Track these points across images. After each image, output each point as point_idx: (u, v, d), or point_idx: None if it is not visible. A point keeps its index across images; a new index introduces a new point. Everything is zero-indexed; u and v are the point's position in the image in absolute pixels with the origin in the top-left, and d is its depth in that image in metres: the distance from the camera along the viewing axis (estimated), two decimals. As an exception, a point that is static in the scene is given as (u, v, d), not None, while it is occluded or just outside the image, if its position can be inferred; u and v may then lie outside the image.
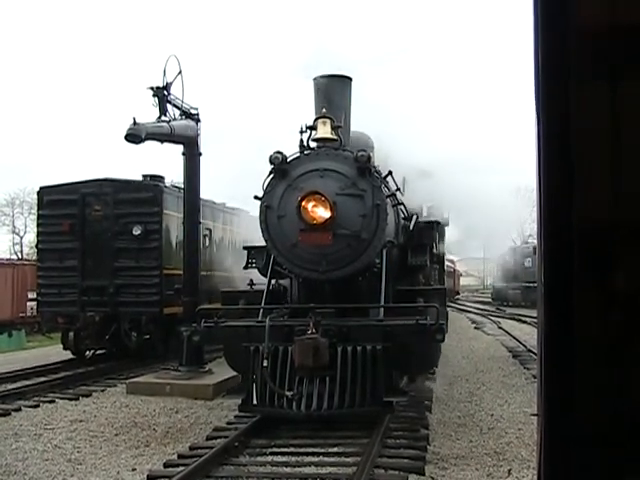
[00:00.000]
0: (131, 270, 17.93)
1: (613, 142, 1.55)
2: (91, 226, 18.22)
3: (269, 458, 8.87)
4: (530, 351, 18.70)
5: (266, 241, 10.74)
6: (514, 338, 23.66)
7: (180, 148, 15.83)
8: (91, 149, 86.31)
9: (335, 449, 9.14)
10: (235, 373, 11.64)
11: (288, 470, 8.36)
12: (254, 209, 12.06)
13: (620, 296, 1.53)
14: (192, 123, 15.76)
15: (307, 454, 8.92)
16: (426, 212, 16.26)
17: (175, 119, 14.98)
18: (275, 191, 10.49)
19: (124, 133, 13.12)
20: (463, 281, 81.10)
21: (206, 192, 18.89)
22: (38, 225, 19.82)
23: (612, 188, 1.54)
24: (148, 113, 14.38)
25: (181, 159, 16.00)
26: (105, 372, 16.98)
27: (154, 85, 14.52)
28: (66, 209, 18.31)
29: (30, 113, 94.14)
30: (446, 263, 23.25)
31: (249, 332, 9.96)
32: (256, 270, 11.93)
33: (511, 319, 34.35)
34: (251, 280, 12.34)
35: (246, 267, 12.25)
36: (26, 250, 56.60)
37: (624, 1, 1.55)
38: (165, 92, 14.63)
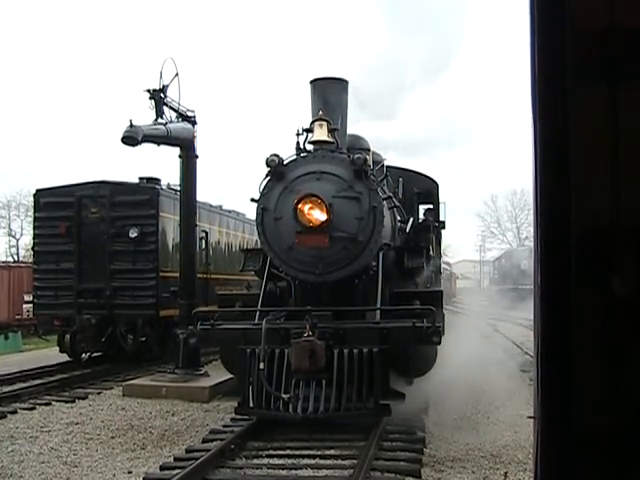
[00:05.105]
0: (127, 272, 17.91)
1: (612, 145, 1.55)
2: (87, 228, 18.19)
3: (265, 461, 8.85)
4: (527, 354, 18.70)
5: (262, 243, 10.74)
6: (511, 341, 23.67)
7: (176, 150, 15.83)
8: (88, 151, 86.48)
9: (331, 452, 9.13)
10: (231, 376, 11.62)
11: (284, 473, 8.35)
12: (250, 211, 12.06)
13: (617, 300, 1.53)
14: (188, 125, 15.76)
15: (303, 457, 8.91)
16: (422, 214, 16.27)
17: (172, 121, 14.98)
18: (271, 193, 10.49)
19: (121, 135, 13.12)
20: (459, 284, 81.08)
21: (202, 194, 18.93)
22: (34, 227, 19.83)
23: (610, 191, 1.54)
24: (145, 115, 14.40)
25: (177, 161, 16.01)
26: (101, 374, 16.96)
27: (151, 88, 14.53)
28: (62, 211, 18.29)
29: (27, 116, 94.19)
30: (442, 266, 23.25)
31: (245, 335, 9.94)
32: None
33: (507, 321, 34.36)
34: (248, 282, 12.33)
35: (243, 269, 12.25)
36: (22, 252, 56.59)
37: (622, 3, 1.55)
38: (162, 94, 14.64)
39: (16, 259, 52.00)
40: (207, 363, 16.83)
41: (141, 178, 19.61)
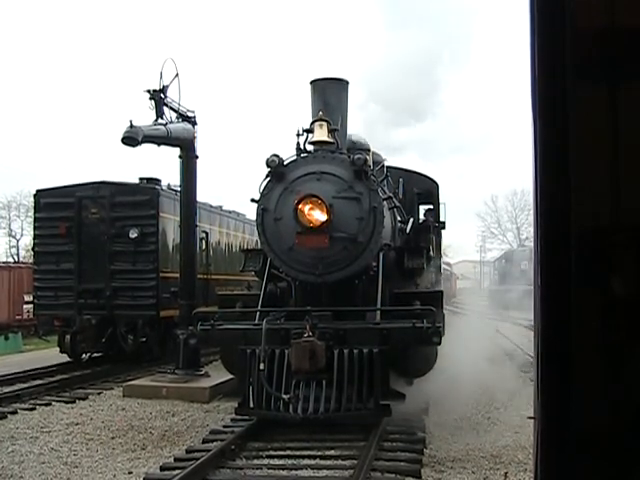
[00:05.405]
0: (127, 273, 17.92)
1: (612, 145, 1.55)
2: (87, 229, 18.20)
3: (266, 461, 8.85)
4: (527, 354, 18.69)
5: (262, 244, 10.75)
6: (511, 341, 23.65)
7: (177, 151, 15.83)
8: (88, 152, 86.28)
9: (332, 452, 9.14)
10: (232, 376, 11.63)
11: (284, 473, 8.36)
12: (251, 212, 12.06)
13: (617, 300, 1.53)
14: (189, 126, 15.76)
15: (304, 457, 8.92)
16: (422, 215, 16.27)
17: (172, 122, 14.97)
18: (272, 194, 10.49)
19: (121, 136, 13.11)
20: (459, 284, 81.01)
21: (203, 195, 18.90)
22: (35, 228, 19.86)
23: (610, 191, 1.54)
24: (145, 116, 14.39)
25: (178, 162, 16.01)
26: (101, 375, 16.97)
27: (151, 88, 14.52)
28: (63, 212, 18.29)
29: (27, 116, 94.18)
30: (443, 266, 23.24)
31: (246, 335, 9.94)
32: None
33: (507, 322, 34.33)
34: (248, 283, 12.32)
35: (243, 270, 12.25)
36: (22, 253, 56.56)
37: (622, 3, 1.55)
38: (162, 95, 14.63)
39: (16, 259, 51.95)
40: (207, 363, 16.82)
41: (141, 179, 19.59)
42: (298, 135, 10.86)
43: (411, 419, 10.59)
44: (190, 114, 15.94)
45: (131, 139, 13.15)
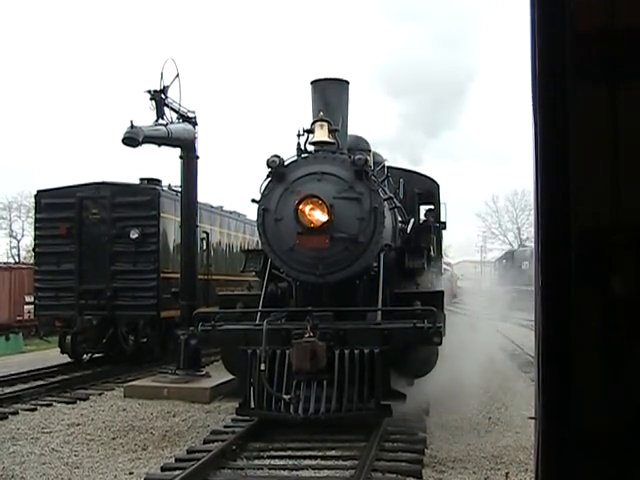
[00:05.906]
0: (128, 273, 17.91)
1: (612, 145, 1.55)
2: (88, 229, 18.19)
3: (266, 461, 8.86)
4: (527, 354, 18.69)
5: (263, 244, 10.75)
6: (511, 341, 23.65)
7: (177, 151, 15.83)
8: (88, 153, 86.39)
9: (332, 452, 9.14)
10: (232, 376, 11.63)
11: (285, 473, 8.37)
12: (251, 212, 12.05)
13: (617, 300, 1.53)
14: (189, 126, 15.77)
15: (304, 457, 8.92)
16: (423, 215, 16.27)
17: (172, 122, 14.98)
18: (272, 194, 10.49)
19: (121, 136, 13.11)
20: (460, 284, 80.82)
21: (203, 195, 18.90)
22: (35, 228, 19.87)
23: (610, 191, 1.54)
24: (145, 116, 14.39)
25: (178, 162, 16.01)
26: (102, 375, 16.97)
27: (151, 88, 14.53)
28: (63, 212, 18.28)
29: (27, 117, 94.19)
30: (443, 266, 23.22)
31: (246, 335, 9.95)
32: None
33: (508, 322, 34.29)
34: (249, 283, 12.33)
35: (244, 270, 12.26)
36: (23, 254, 56.58)
37: (622, 4, 1.55)
38: (162, 95, 14.64)
39: (17, 260, 51.96)
40: (208, 364, 16.82)
41: (142, 179, 19.60)
42: (299, 135, 10.86)
43: (412, 419, 10.59)
44: (191, 114, 15.94)
45: (132, 139, 13.16)
